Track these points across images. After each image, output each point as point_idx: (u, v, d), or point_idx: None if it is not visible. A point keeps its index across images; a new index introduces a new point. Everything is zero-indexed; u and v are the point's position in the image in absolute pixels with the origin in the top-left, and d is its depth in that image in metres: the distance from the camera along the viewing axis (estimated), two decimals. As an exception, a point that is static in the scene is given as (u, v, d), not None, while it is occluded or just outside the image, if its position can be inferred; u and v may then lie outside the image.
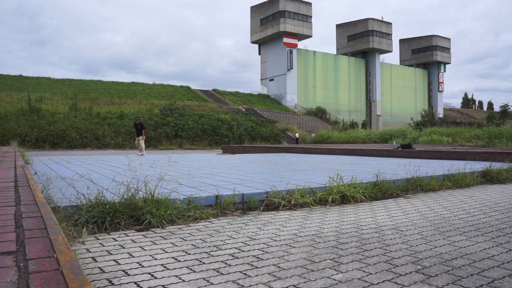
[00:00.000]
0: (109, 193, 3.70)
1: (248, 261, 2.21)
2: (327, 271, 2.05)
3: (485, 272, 2.02)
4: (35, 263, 1.40)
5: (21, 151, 11.83)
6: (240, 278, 1.94)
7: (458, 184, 5.58)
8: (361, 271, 2.05)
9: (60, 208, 2.93)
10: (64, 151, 26.12)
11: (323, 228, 3.05)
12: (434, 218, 3.43)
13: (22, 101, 36.53)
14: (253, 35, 65.46)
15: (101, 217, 2.93)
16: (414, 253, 2.38)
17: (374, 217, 3.47)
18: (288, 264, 2.15)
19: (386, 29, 70.39)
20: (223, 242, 2.62)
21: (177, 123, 36.67)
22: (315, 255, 2.33)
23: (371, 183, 4.72)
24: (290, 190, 4.07)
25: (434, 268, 2.09)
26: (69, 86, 49.40)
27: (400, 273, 2.01)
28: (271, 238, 2.74)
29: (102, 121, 34.71)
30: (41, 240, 1.69)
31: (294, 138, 40.30)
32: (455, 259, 2.26)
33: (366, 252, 2.38)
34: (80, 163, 8.68)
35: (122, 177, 5.43)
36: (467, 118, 72.26)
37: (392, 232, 2.92)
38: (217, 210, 3.54)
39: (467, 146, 16.48)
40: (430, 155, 10.65)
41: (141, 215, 3.07)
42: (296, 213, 3.64)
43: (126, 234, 2.80)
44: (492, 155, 9.27)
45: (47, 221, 2.05)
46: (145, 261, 2.19)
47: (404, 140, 21.89)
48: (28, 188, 3.34)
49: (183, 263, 2.16)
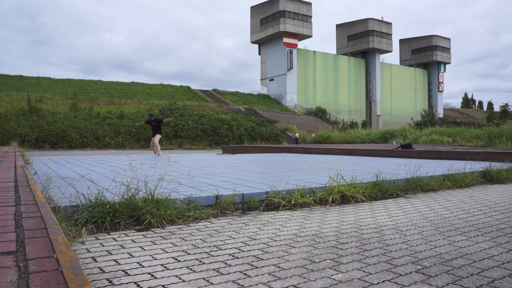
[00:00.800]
0: (109, 193, 3.70)
1: (248, 261, 2.21)
2: (327, 271, 2.05)
3: (485, 272, 2.02)
4: (35, 263, 1.40)
5: (21, 151, 11.83)
6: (240, 278, 1.94)
7: (458, 184, 5.58)
8: (361, 271, 2.05)
9: (60, 208, 2.93)
10: (64, 151, 26.12)
11: (323, 228, 3.05)
12: (434, 218, 3.43)
13: (22, 101, 36.54)
14: (253, 35, 65.47)
15: (101, 217, 2.93)
16: (414, 253, 2.38)
17: (374, 217, 3.47)
18: (288, 264, 2.15)
19: (386, 29, 70.41)
20: (223, 242, 2.62)
21: (177, 123, 36.67)
22: (315, 255, 2.33)
23: (371, 183, 4.72)
24: (290, 190, 4.07)
25: (434, 268, 2.09)
26: (69, 86, 49.41)
27: (400, 273, 2.01)
28: (271, 238, 2.74)
29: (102, 121, 34.71)
30: (41, 240, 1.69)
31: (294, 138, 40.29)
32: (455, 259, 2.26)
33: (366, 252, 2.38)
34: (80, 163, 8.68)
35: (122, 177, 5.43)
36: (467, 118, 72.28)
37: (392, 232, 2.92)
38: (217, 210, 3.54)
39: (467, 146, 16.48)
40: (430, 155, 10.65)
41: (141, 215, 3.07)
42: (296, 213, 3.64)
43: (126, 234, 2.80)
44: (492, 155, 9.27)
45: (47, 221, 2.05)
46: (145, 261, 2.19)
47: (404, 140, 21.89)
48: (28, 188, 3.34)
49: (183, 263, 2.16)
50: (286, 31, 60.20)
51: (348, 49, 71.98)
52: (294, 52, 61.91)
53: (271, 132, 40.44)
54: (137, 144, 33.89)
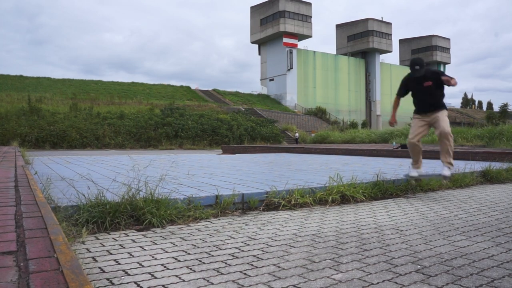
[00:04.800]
0: (109, 193, 3.70)
1: (248, 261, 2.21)
2: (327, 271, 2.05)
3: (484, 272, 2.02)
4: (36, 263, 1.40)
5: (22, 151, 11.83)
6: (240, 278, 1.94)
7: (457, 184, 5.58)
8: (361, 271, 2.05)
9: (61, 208, 2.93)
10: (64, 151, 26.12)
11: (323, 228, 3.05)
12: (433, 218, 3.43)
13: (22, 101, 36.55)
14: (253, 35, 65.47)
15: (101, 217, 2.93)
16: (414, 253, 2.38)
17: (374, 217, 3.47)
18: (288, 264, 2.15)
19: (386, 29, 70.40)
20: (223, 242, 2.62)
21: (177, 123, 36.69)
22: (315, 255, 2.33)
23: (371, 183, 4.72)
24: (290, 190, 4.07)
25: (433, 268, 2.09)
26: (69, 86, 49.43)
27: (400, 273, 2.01)
28: (271, 238, 2.74)
29: (102, 121, 34.73)
30: (41, 240, 1.69)
31: (294, 138, 40.30)
32: (455, 259, 2.26)
33: (366, 252, 2.38)
34: (80, 163, 8.68)
35: (123, 177, 5.43)
36: (466, 118, 72.26)
37: (392, 232, 2.92)
38: (217, 210, 3.54)
39: (467, 146, 16.48)
40: (430, 155, 10.65)
41: (141, 215, 3.07)
42: (296, 213, 3.64)
43: (126, 234, 2.80)
44: (492, 155, 9.27)
45: (48, 221, 2.05)
46: (145, 261, 2.19)
47: (405, 140, 21.88)
48: (28, 188, 3.34)
49: (183, 263, 2.16)
50: (286, 31, 60.19)
51: (348, 49, 71.98)
52: (294, 52, 61.91)
53: (271, 132, 40.44)
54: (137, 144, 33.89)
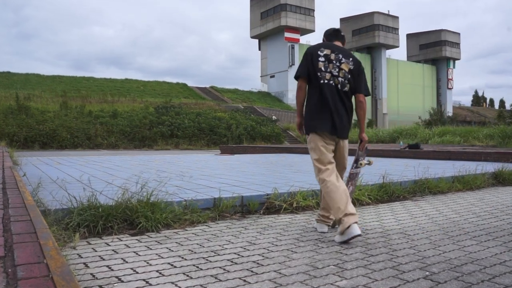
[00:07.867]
0: (102, 195, 3.70)
1: (247, 267, 2.21)
2: (331, 277, 2.05)
3: (496, 279, 2.03)
4: (24, 269, 1.40)
5: (10, 151, 11.83)
6: (240, 285, 1.94)
7: (468, 186, 5.58)
8: (366, 277, 2.05)
9: (51, 211, 2.93)
10: (55, 152, 26.10)
11: (326, 232, 3.05)
12: (443, 222, 3.43)
13: (10, 99, 36.50)
14: (253, 29, 65.44)
15: (93, 221, 2.94)
16: (422, 258, 2.38)
17: (380, 221, 3.47)
18: (289, 270, 2.15)
19: (392, 23, 70.39)
20: (222, 247, 2.62)
21: (173, 122, 36.67)
22: (318, 260, 2.34)
23: (377, 185, 4.72)
24: (292, 192, 4.07)
25: (443, 274, 2.09)
26: (59, 83, 49.41)
27: (408, 280, 2.01)
28: (271, 243, 2.74)
29: (94, 120, 34.69)
30: (30, 245, 1.69)
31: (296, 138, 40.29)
32: (465, 264, 2.26)
33: (371, 258, 2.38)
34: (71, 164, 8.68)
35: (116, 178, 5.43)
36: (477, 117, 72.28)
37: (399, 236, 2.93)
38: (215, 213, 3.54)
39: (478, 146, 16.48)
40: (439, 155, 10.66)
41: (135, 219, 3.07)
42: (298, 217, 3.65)
43: (119, 238, 2.81)
44: (504, 155, 9.27)
45: (37, 225, 2.05)
46: (140, 267, 2.19)
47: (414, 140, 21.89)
48: (16, 190, 3.35)
49: (179, 269, 2.17)
50: (288, 26, 60.16)
51: (353, 45, 71.92)
52: (296, 48, 61.87)
53: (272, 131, 40.41)
54: (131, 144, 33.88)
